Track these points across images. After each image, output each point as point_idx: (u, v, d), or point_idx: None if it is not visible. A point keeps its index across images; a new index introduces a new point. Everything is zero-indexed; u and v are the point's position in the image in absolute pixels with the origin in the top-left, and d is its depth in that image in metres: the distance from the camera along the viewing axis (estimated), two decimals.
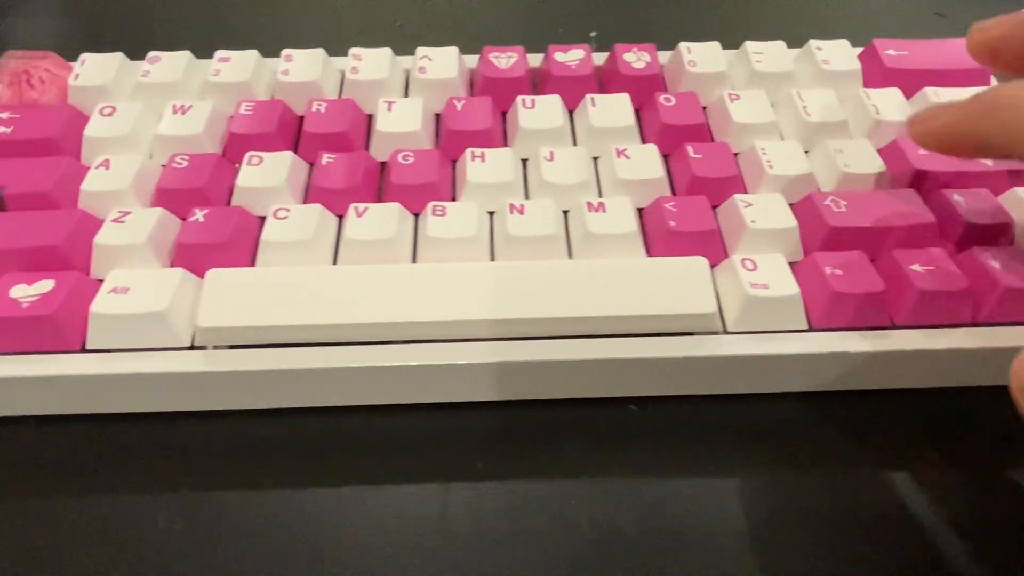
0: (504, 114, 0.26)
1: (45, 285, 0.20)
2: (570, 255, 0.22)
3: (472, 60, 0.28)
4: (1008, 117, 0.17)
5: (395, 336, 0.20)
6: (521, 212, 0.22)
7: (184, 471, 0.20)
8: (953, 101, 0.18)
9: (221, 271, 0.20)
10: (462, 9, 0.38)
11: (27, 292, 0.20)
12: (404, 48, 0.28)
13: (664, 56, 0.28)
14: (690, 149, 0.24)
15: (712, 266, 0.21)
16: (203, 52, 0.27)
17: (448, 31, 0.36)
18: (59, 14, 0.37)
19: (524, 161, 0.25)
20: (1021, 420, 0.15)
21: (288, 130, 0.25)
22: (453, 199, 0.24)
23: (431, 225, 0.22)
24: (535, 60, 0.28)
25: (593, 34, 0.37)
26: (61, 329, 0.20)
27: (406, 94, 0.27)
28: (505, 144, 0.26)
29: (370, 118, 0.26)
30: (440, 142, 0.25)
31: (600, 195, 0.24)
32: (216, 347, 0.20)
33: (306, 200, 0.24)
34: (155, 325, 0.20)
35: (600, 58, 0.28)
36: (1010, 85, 0.17)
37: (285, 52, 0.27)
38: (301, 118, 0.26)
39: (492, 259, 0.22)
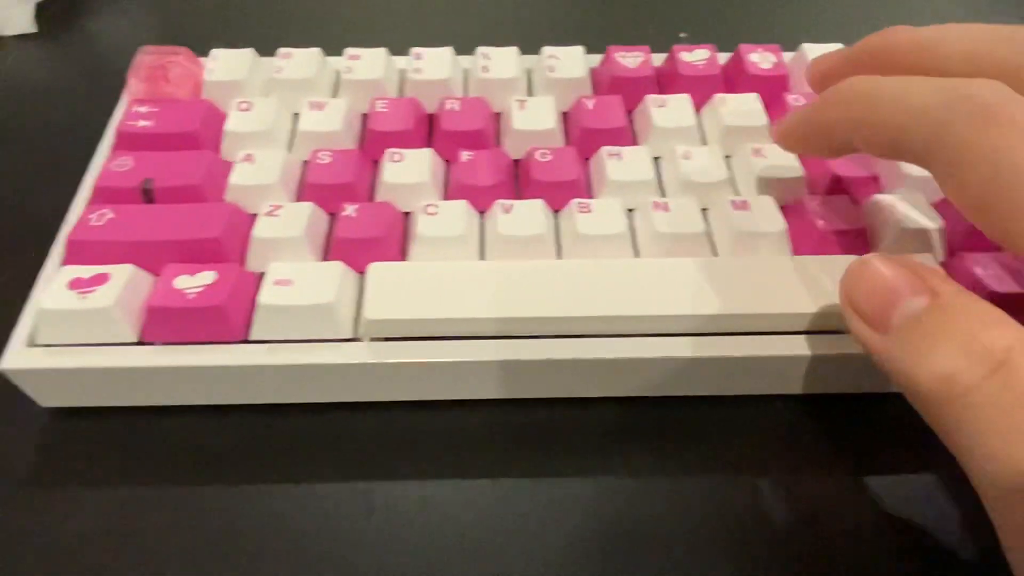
0: (630, 112, 0.27)
1: (208, 276, 0.20)
2: (714, 252, 0.22)
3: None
4: (847, 106, 0.18)
5: (562, 330, 0.20)
6: (666, 210, 0.22)
7: (350, 460, 0.21)
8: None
9: (383, 265, 0.21)
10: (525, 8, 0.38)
11: (191, 283, 0.20)
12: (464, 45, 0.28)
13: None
14: None
15: None
16: (265, 48, 0.28)
17: (509, 29, 0.36)
18: (136, 9, 0.38)
19: (655, 159, 0.25)
20: (851, 334, 0.17)
21: (423, 127, 0.25)
22: (588, 196, 0.24)
23: (580, 222, 0.22)
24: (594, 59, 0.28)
25: (683, 35, 0.37)
26: (227, 319, 0.20)
27: (530, 93, 0.27)
28: (634, 142, 0.26)
29: (498, 116, 0.26)
30: (572, 139, 0.25)
31: (738, 193, 0.24)
32: (373, 339, 0.20)
33: (447, 196, 0.24)
34: (321, 317, 0.20)
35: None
36: (850, 79, 0.18)
37: (414, 50, 0.27)
38: (431, 115, 0.26)
39: (636, 255, 0.22)
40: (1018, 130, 0.14)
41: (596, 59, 0.28)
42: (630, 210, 0.23)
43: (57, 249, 0.22)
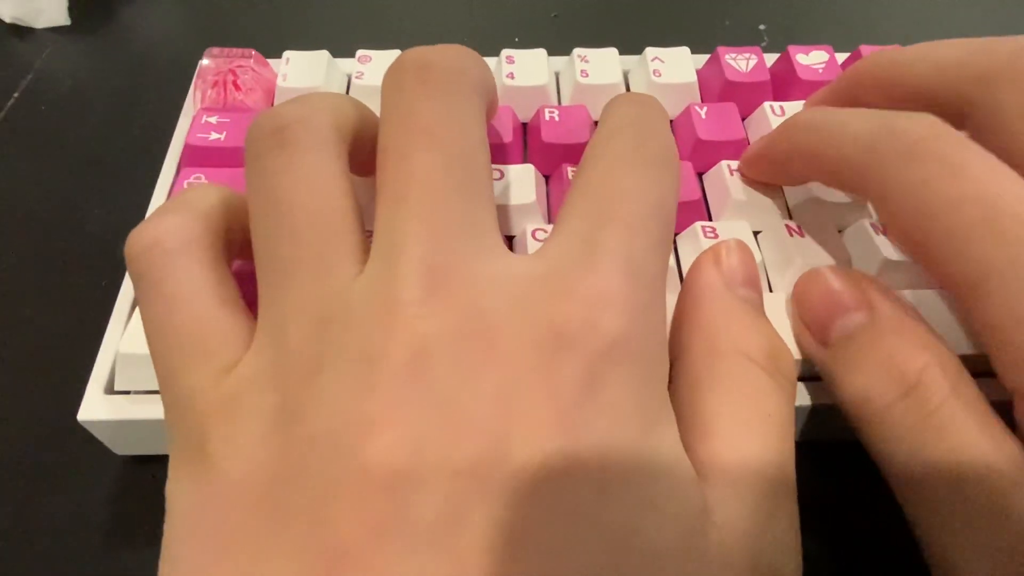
0: (743, 120, 0.24)
1: None
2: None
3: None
4: (795, 138, 0.18)
5: None
6: (800, 235, 0.20)
7: None
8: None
9: None
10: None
11: None
12: (558, 45, 0.26)
13: None
14: None
15: None
16: (313, 41, 0.25)
17: (600, 24, 0.34)
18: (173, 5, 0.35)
19: None
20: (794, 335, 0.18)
21: (519, 139, 0.23)
22: (709, 217, 0.22)
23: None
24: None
25: (762, 27, 0.34)
26: None
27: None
28: None
29: (595, 124, 0.24)
30: (684, 152, 0.23)
31: (869, 214, 0.22)
32: None
33: (551, 219, 0.22)
34: None
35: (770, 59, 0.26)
36: (799, 112, 0.19)
37: (506, 53, 0.25)
38: (524, 125, 0.24)
39: (770, 289, 0.20)
40: (944, 166, 0.14)
41: (631, 61, 0.26)
42: (756, 233, 0.21)
43: (130, 281, 0.20)
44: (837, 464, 0.19)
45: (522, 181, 0.21)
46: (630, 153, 0.15)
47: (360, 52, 0.25)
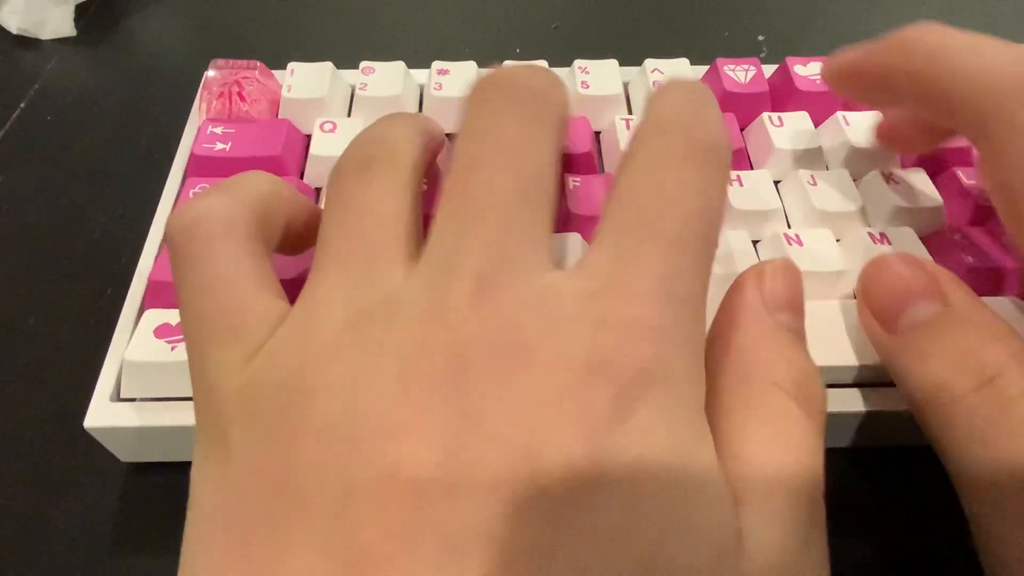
0: (742, 130, 0.25)
1: None
2: (855, 295, 0.20)
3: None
4: (908, 56, 0.17)
5: None
6: (800, 244, 0.21)
7: None
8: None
9: None
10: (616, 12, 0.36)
11: None
12: (558, 56, 0.26)
13: None
14: (960, 174, 0.22)
15: None
16: (316, 52, 0.26)
17: (604, 35, 0.34)
18: (175, 10, 0.36)
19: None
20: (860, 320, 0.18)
21: None
22: None
23: None
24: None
25: (761, 38, 0.35)
26: None
27: (629, 110, 0.25)
28: (750, 165, 0.24)
29: (598, 135, 0.24)
30: None
31: (868, 223, 0.22)
32: None
33: (556, 229, 0.22)
34: None
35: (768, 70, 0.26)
36: (916, 25, 0.18)
37: (507, 64, 0.25)
38: None
39: None
40: None
41: (631, 72, 0.26)
42: (755, 242, 0.21)
43: (136, 288, 0.20)
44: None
45: None
46: (676, 149, 0.14)
47: (364, 64, 0.25)
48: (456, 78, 0.25)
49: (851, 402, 0.19)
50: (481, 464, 0.11)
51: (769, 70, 0.26)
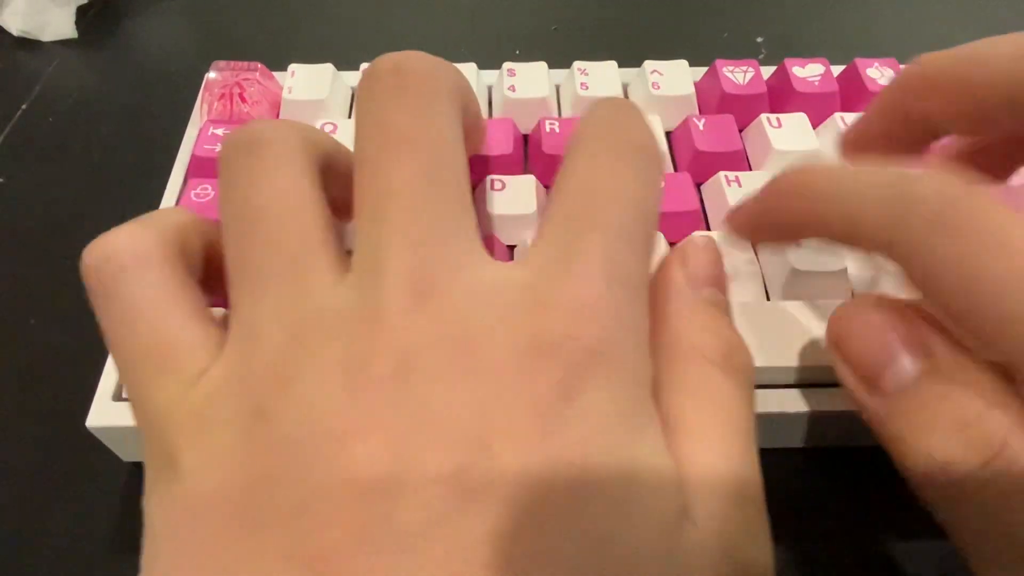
0: (740, 131, 0.25)
1: None
2: (852, 293, 0.20)
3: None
4: (802, 206, 0.16)
5: None
6: (798, 244, 0.21)
7: None
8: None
9: None
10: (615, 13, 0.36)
11: None
12: (558, 58, 0.26)
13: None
14: None
15: None
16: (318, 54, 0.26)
17: (601, 38, 0.35)
18: (176, 12, 0.36)
19: None
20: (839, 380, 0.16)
21: (519, 150, 0.24)
22: (707, 227, 0.22)
23: None
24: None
25: (759, 39, 0.35)
26: None
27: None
28: (749, 166, 0.24)
29: None
30: (683, 164, 0.24)
31: None
32: None
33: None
34: None
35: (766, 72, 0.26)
36: (792, 169, 0.16)
37: (507, 66, 0.25)
38: (526, 136, 0.24)
39: (767, 298, 0.20)
40: (983, 237, 0.13)
41: (630, 73, 0.26)
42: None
43: None
44: (836, 470, 0.20)
45: (523, 192, 0.22)
46: (609, 147, 0.15)
47: (364, 65, 0.25)
48: None
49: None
50: (431, 459, 0.11)
51: (768, 71, 0.26)
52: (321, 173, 0.15)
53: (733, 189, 0.22)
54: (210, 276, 0.16)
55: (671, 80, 0.25)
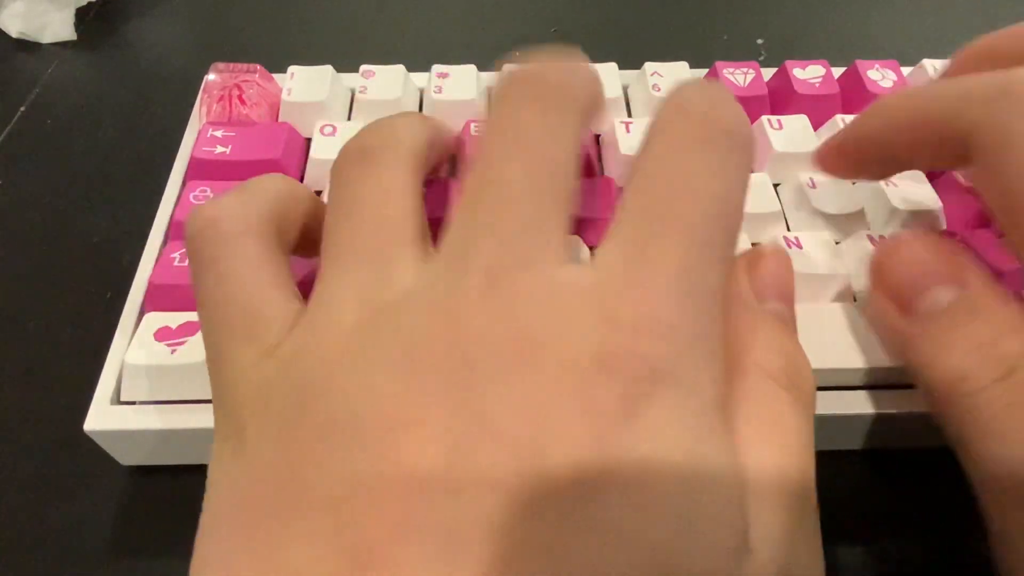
0: None
1: None
2: (855, 298, 0.20)
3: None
4: (890, 113, 0.17)
5: None
6: (799, 246, 0.21)
7: None
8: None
9: None
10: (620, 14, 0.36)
11: None
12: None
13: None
14: (959, 176, 0.22)
15: None
16: (316, 56, 0.26)
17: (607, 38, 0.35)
18: (175, 14, 0.36)
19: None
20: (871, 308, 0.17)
21: None
22: None
23: None
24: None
25: (760, 41, 0.35)
26: None
27: (629, 113, 0.25)
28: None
29: (598, 138, 0.24)
30: None
31: (868, 226, 0.22)
32: None
33: None
34: None
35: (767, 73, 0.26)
36: (890, 94, 0.18)
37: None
38: None
39: None
40: None
41: (630, 75, 0.26)
42: (754, 244, 0.21)
43: (136, 291, 0.20)
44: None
45: None
46: (694, 132, 0.14)
47: (364, 67, 0.25)
48: (456, 82, 0.25)
49: (861, 404, 0.19)
50: (485, 460, 0.11)
51: (768, 73, 0.26)
52: (428, 158, 0.16)
53: None
54: (306, 245, 0.17)
55: (671, 82, 0.25)
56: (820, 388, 0.18)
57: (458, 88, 0.24)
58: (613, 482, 0.11)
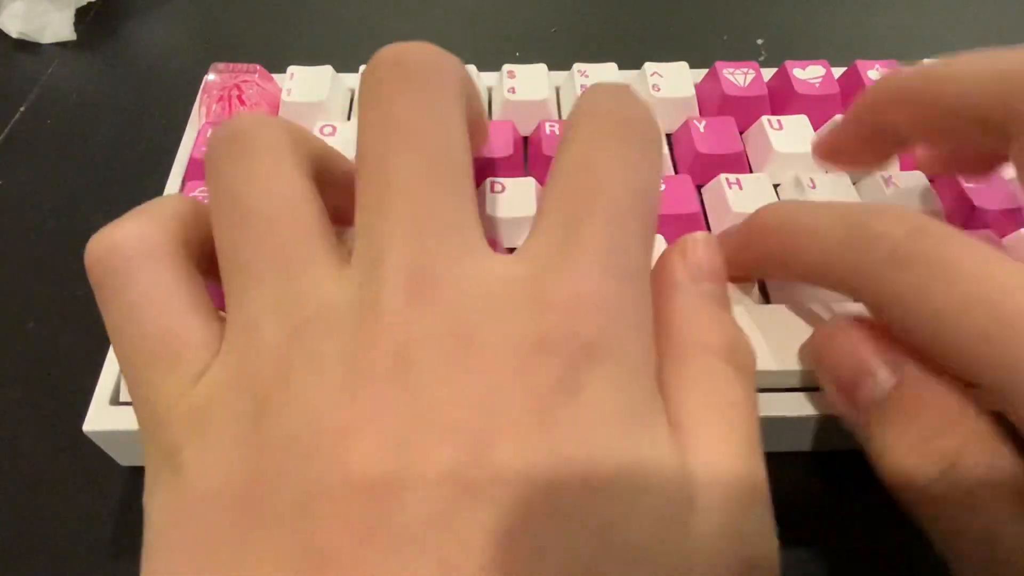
0: (741, 133, 0.25)
1: None
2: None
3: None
4: (771, 245, 0.17)
5: None
6: None
7: None
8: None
9: None
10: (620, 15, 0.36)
11: None
12: (558, 60, 0.26)
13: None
14: (959, 178, 0.22)
15: None
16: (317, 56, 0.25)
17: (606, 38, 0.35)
18: (175, 14, 0.36)
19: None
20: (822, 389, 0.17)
21: (519, 152, 0.23)
22: (708, 230, 0.22)
23: None
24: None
25: (760, 41, 0.35)
26: None
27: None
28: (750, 168, 0.24)
29: None
30: (684, 166, 0.23)
31: None
32: None
33: None
34: None
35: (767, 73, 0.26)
36: (763, 210, 0.17)
37: (507, 68, 0.25)
38: (526, 138, 0.24)
39: (768, 301, 0.20)
40: (935, 268, 0.14)
41: (630, 75, 0.26)
42: None
43: None
44: (843, 474, 0.20)
45: (523, 194, 0.22)
46: (603, 126, 0.15)
47: (363, 67, 0.25)
48: None
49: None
50: (432, 456, 0.11)
51: (768, 73, 0.26)
52: (314, 177, 0.15)
53: (734, 191, 0.22)
54: (214, 264, 0.16)
55: (671, 82, 0.25)
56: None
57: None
58: (558, 466, 0.11)
